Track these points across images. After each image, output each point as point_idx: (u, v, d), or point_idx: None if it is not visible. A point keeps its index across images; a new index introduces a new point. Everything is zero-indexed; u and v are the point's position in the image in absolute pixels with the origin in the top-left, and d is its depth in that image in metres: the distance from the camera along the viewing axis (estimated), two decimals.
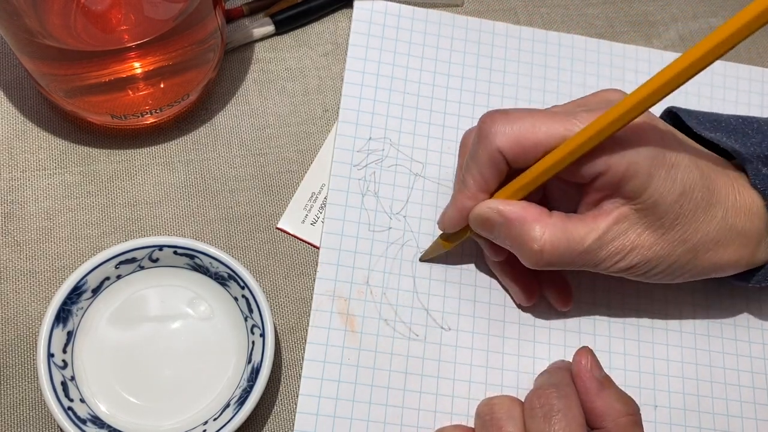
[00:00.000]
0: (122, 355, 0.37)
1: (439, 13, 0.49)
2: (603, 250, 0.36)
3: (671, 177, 0.35)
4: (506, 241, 0.37)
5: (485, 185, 0.37)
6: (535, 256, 0.36)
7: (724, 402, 0.42)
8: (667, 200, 0.35)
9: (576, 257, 0.36)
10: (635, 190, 0.35)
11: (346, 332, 0.40)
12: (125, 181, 0.42)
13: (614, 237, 0.36)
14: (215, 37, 0.41)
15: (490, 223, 0.37)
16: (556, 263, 0.36)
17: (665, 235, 0.36)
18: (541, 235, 0.35)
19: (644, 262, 0.36)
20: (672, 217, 0.35)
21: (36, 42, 0.37)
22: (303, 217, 0.43)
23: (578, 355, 0.36)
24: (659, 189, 0.35)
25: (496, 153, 0.35)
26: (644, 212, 0.35)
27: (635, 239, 0.36)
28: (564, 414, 0.34)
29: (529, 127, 0.35)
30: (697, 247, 0.37)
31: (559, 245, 0.35)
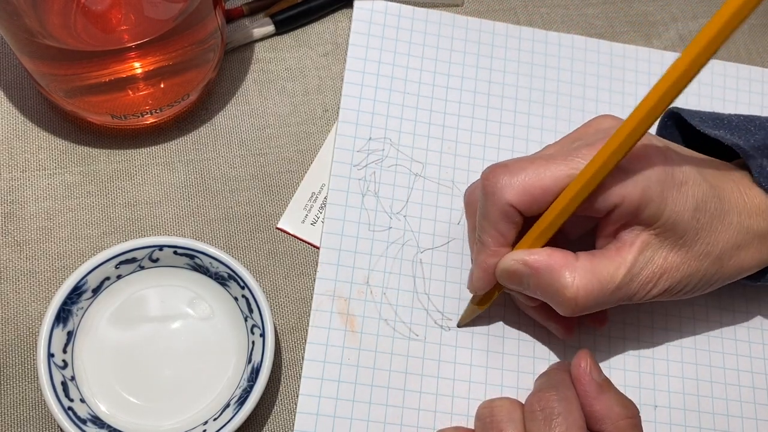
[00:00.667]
0: (122, 355, 0.37)
1: (439, 13, 0.49)
2: (634, 282, 0.36)
3: (683, 194, 0.35)
4: (537, 292, 0.37)
5: (504, 240, 0.37)
6: (570, 304, 0.35)
7: (724, 402, 0.42)
8: (684, 218, 0.35)
9: (610, 296, 0.36)
10: (652, 216, 0.34)
11: (346, 332, 0.40)
12: (125, 181, 0.42)
13: (642, 266, 0.36)
14: (215, 37, 0.41)
15: (518, 276, 0.36)
16: (591, 306, 0.36)
17: (689, 252, 0.36)
18: (572, 281, 0.35)
19: (675, 283, 0.36)
20: (692, 233, 0.35)
21: (36, 42, 0.37)
22: (303, 217, 0.43)
23: (577, 358, 0.36)
24: (675, 209, 0.35)
25: (507, 207, 0.35)
26: (665, 235, 0.35)
27: (662, 264, 0.36)
28: (565, 417, 0.34)
29: (534, 175, 0.35)
30: (721, 257, 0.37)
31: (592, 288, 0.35)
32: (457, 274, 0.42)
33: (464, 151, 0.45)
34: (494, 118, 0.46)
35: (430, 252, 0.42)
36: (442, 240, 0.43)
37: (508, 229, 0.36)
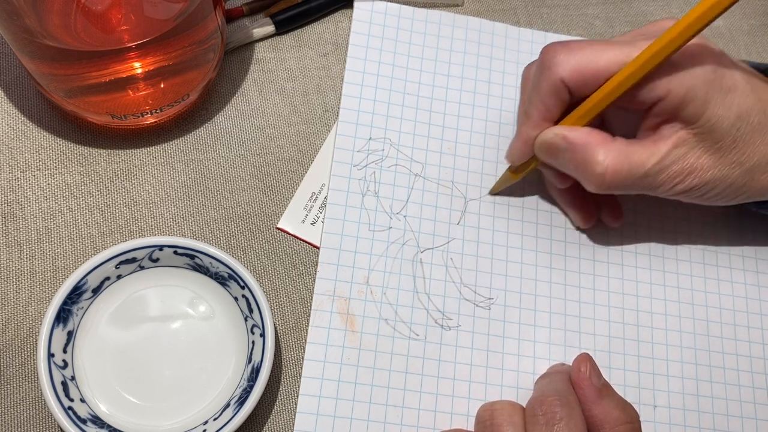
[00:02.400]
0: (122, 355, 0.37)
1: (439, 13, 0.49)
2: (663, 174, 0.37)
3: (728, 101, 0.36)
4: (570, 166, 0.38)
5: (548, 114, 0.38)
6: (598, 180, 0.37)
7: (723, 402, 0.42)
8: (724, 124, 0.36)
9: (637, 180, 0.37)
10: (693, 114, 0.36)
11: (347, 332, 0.40)
12: (125, 181, 0.42)
13: (674, 161, 0.37)
14: (215, 37, 0.41)
15: (555, 149, 0.38)
16: (617, 186, 0.37)
17: (723, 158, 0.37)
18: (604, 159, 0.37)
19: (702, 185, 0.38)
20: (729, 140, 0.36)
21: (36, 42, 0.37)
22: (303, 217, 0.43)
23: (577, 362, 0.36)
24: (716, 113, 0.36)
25: (558, 82, 0.37)
26: (702, 136, 0.36)
27: (694, 162, 0.37)
28: (566, 422, 0.34)
29: (591, 56, 0.36)
30: (753, 170, 0.38)
31: (621, 169, 0.37)
32: (458, 275, 0.42)
33: (464, 152, 0.45)
34: (494, 119, 0.46)
35: (430, 252, 0.42)
36: (442, 240, 0.43)
37: (554, 105, 0.38)
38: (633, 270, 0.44)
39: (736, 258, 0.45)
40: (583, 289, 0.43)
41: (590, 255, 0.44)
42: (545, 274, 0.43)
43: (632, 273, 0.44)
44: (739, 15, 0.53)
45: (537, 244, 0.44)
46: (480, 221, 0.44)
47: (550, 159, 0.39)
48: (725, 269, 0.45)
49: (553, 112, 0.38)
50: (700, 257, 0.45)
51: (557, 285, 0.43)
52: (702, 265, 0.45)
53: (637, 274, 0.44)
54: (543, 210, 0.45)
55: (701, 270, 0.45)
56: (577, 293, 0.43)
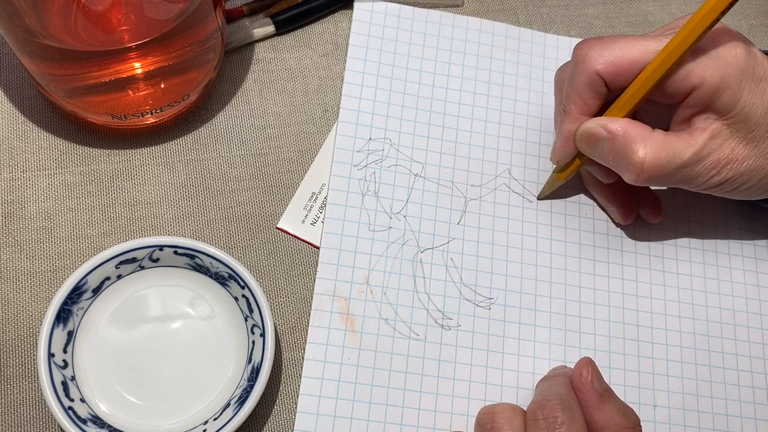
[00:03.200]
0: (122, 355, 0.37)
1: (439, 13, 0.49)
2: (699, 165, 0.37)
3: (760, 90, 0.36)
4: (609, 157, 0.38)
5: (587, 108, 0.39)
6: (637, 170, 0.37)
7: (723, 402, 0.42)
8: (758, 113, 0.36)
9: (674, 172, 0.37)
10: (727, 104, 0.36)
11: (347, 332, 0.40)
12: (126, 181, 0.42)
13: (710, 152, 0.37)
14: (215, 37, 0.42)
15: (595, 139, 0.38)
16: (655, 178, 0.38)
17: (757, 147, 0.37)
18: (644, 150, 0.37)
19: (738, 176, 0.38)
20: (763, 129, 0.37)
21: (36, 42, 0.37)
22: (303, 217, 0.43)
23: (579, 366, 0.36)
24: (749, 102, 0.36)
25: (594, 76, 0.37)
26: (736, 126, 0.37)
27: (729, 153, 0.37)
28: (568, 427, 0.34)
29: (624, 47, 0.37)
30: None
31: (660, 160, 0.37)
32: (458, 274, 0.42)
33: (464, 152, 0.45)
34: (493, 119, 0.46)
35: (430, 252, 0.42)
36: (442, 240, 0.43)
37: (591, 98, 0.38)
38: (633, 270, 0.44)
39: (736, 258, 0.45)
40: (583, 289, 0.43)
41: (590, 255, 0.44)
42: (545, 274, 0.43)
43: (632, 273, 0.44)
44: (739, 15, 0.53)
45: (537, 244, 0.44)
46: (480, 221, 0.44)
47: (590, 150, 0.39)
48: (725, 269, 0.45)
49: (591, 105, 0.39)
50: (700, 257, 0.45)
51: (557, 285, 0.43)
52: (702, 265, 0.45)
53: (637, 274, 0.44)
54: (543, 210, 0.45)
55: (701, 270, 0.45)
56: (577, 293, 0.43)
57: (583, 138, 0.39)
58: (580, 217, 0.45)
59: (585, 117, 0.39)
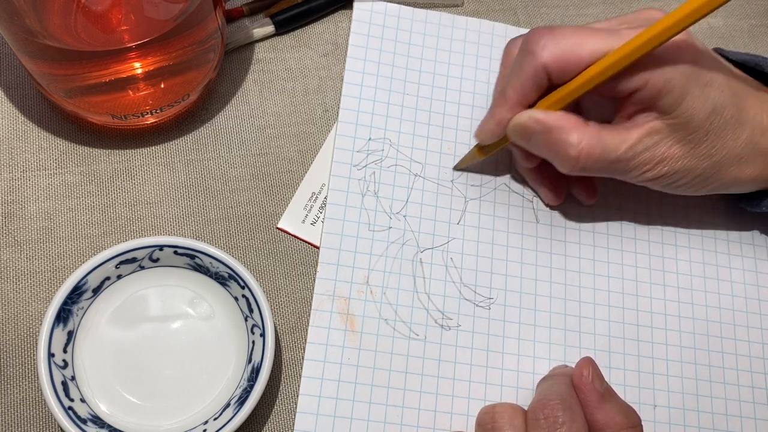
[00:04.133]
0: (122, 355, 0.37)
1: (439, 13, 0.49)
2: (634, 160, 0.38)
3: (704, 95, 0.36)
4: (543, 149, 0.39)
5: (524, 98, 0.39)
6: (572, 162, 0.38)
7: (723, 401, 0.42)
8: (699, 117, 0.37)
9: (608, 164, 0.38)
10: (669, 106, 0.36)
11: (346, 332, 0.40)
12: (126, 181, 0.42)
13: (645, 148, 0.38)
14: (215, 37, 0.42)
15: (529, 132, 0.38)
16: (589, 169, 0.38)
17: (693, 149, 0.38)
18: (578, 142, 0.37)
19: (671, 173, 0.38)
20: (702, 133, 0.37)
21: (36, 42, 0.37)
22: (303, 217, 0.43)
23: (580, 366, 0.36)
24: (692, 106, 0.36)
25: (540, 69, 0.37)
26: (676, 127, 0.37)
27: (665, 151, 0.38)
28: (569, 427, 0.34)
29: (575, 44, 0.37)
30: (721, 162, 0.38)
31: (594, 152, 0.37)
32: (457, 274, 0.42)
33: (464, 152, 0.45)
34: None
35: (429, 251, 0.42)
36: (442, 240, 0.43)
37: (532, 89, 0.38)
38: (633, 270, 0.44)
39: (735, 258, 0.45)
40: (583, 289, 0.43)
41: (590, 255, 0.44)
42: (545, 273, 0.43)
43: (632, 273, 0.44)
44: (739, 15, 0.53)
45: (537, 243, 0.44)
46: (480, 221, 0.44)
47: (522, 142, 0.40)
48: (725, 269, 0.45)
49: (530, 96, 0.39)
50: (700, 257, 0.45)
51: (557, 285, 0.43)
52: (702, 264, 0.45)
53: (637, 274, 0.44)
54: (543, 210, 0.45)
55: (701, 270, 0.45)
56: (577, 293, 0.43)
57: (516, 130, 0.39)
58: (580, 217, 0.45)
59: (521, 107, 0.39)
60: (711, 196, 0.46)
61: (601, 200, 0.45)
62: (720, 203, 0.47)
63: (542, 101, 0.39)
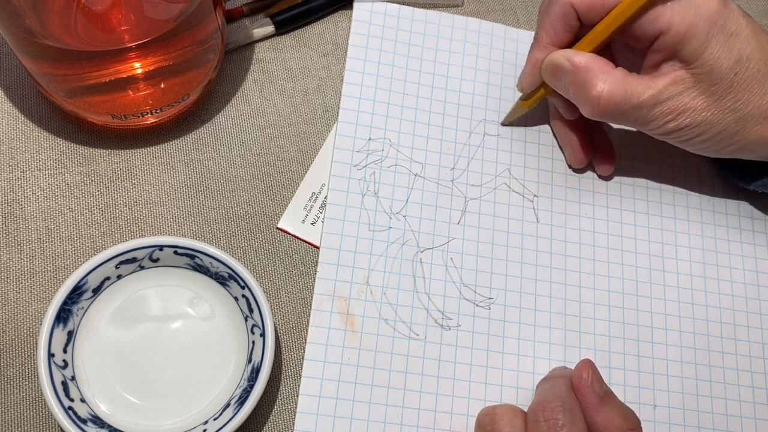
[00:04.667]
0: (123, 355, 0.37)
1: (439, 14, 0.49)
2: (656, 108, 0.38)
3: (729, 44, 0.36)
4: (570, 89, 0.39)
5: (557, 39, 0.40)
6: (593, 102, 0.38)
7: (723, 401, 0.42)
8: (723, 66, 0.37)
9: (630, 110, 0.38)
10: (693, 53, 0.36)
11: (346, 332, 0.40)
12: (126, 181, 0.42)
13: (669, 97, 0.38)
14: (215, 37, 0.42)
15: (559, 70, 0.39)
16: (611, 113, 0.39)
17: (717, 101, 0.37)
18: (603, 83, 0.38)
19: (693, 126, 0.38)
20: (726, 84, 0.37)
21: (36, 42, 0.37)
22: (303, 217, 0.43)
23: (579, 368, 0.36)
24: (715, 54, 0.36)
25: (568, 7, 0.38)
26: (700, 77, 0.37)
27: (688, 102, 0.38)
28: (569, 429, 0.34)
29: None
30: (746, 119, 0.38)
31: (617, 95, 0.38)
32: (457, 274, 0.42)
33: (463, 152, 0.45)
34: (492, 119, 0.46)
35: (430, 251, 0.42)
36: (442, 240, 0.43)
37: (563, 29, 0.39)
38: (633, 270, 0.44)
39: (735, 258, 0.45)
40: (583, 289, 0.43)
41: (590, 255, 0.44)
42: (545, 273, 0.43)
43: (632, 273, 0.44)
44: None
45: (537, 243, 0.44)
46: (480, 221, 0.44)
47: (554, 81, 0.40)
48: (725, 269, 0.45)
49: (562, 36, 0.39)
50: (699, 257, 0.45)
51: (557, 285, 0.43)
52: (702, 264, 0.45)
53: (637, 274, 0.44)
54: (543, 210, 0.45)
55: (701, 270, 0.45)
56: (577, 293, 0.43)
57: (548, 68, 0.40)
58: (580, 217, 0.45)
59: (554, 47, 0.40)
60: (710, 194, 0.46)
61: (601, 200, 0.45)
62: (720, 203, 0.47)
63: (576, 45, 0.40)
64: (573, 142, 0.45)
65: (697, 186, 0.47)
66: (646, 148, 0.47)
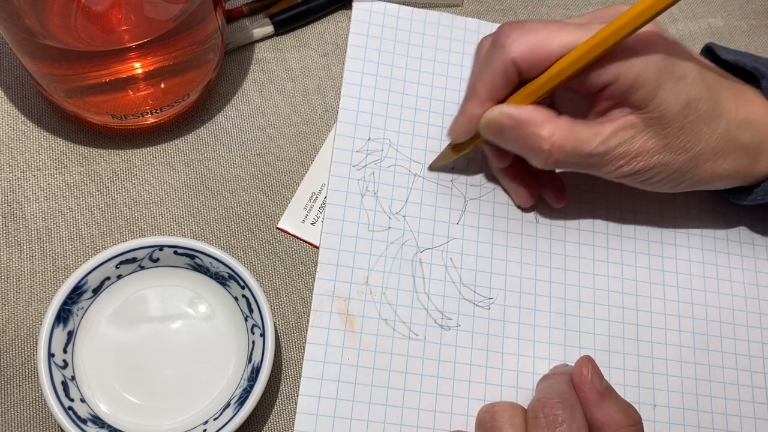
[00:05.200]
0: (122, 355, 0.37)
1: (438, 14, 0.49)
2: (608, 154, 0.38)
3: (678, 88, 0.36)
4: (516, 144, 0.38)
5: (495, 93, 0.38)
6: (544, 155, 0.37)
7: (722, 401, 0.42)
8: (673, 111, 0.36)
9: (582, 158, 0.38)
10: (642, 100, 0.36)
11: (346, 332, 0.40)
12: (126, 181, 0.42)
13: (620, 143, 0.37)
14: (215, 37, 0.42)
15: (500, 127, 0.38)
16: (563, 162, 0.38)
17: (669, 143, 0.37)
18: (550, 135, 0.37)
19: (647, 169, 0.38)
20: (677, 127, 0.37)
21: (36, 42, 0.37)
22: (303, 217, 0.43)
23: (579, 365, 0.36)
24: (666, 100, 0.36)
25: (509, 62, 0.37)
26: (650, 122, 0.37)
27: (640, 146, 0.37)
28: (568, 425, 0.34)
29: (544, 38, 0.36)
30: (698, 157, 0.38)
31: (567, 145, 0.37)
32: (457, 274, 0.42)
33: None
34: None
35: (429, 251, 0.42)
36: (442, 240, 0.43)
37: (502, 84, 0.38)
38: (633, 270, 0.44)
39: (735, 258, 0.45)
40: (583, 289, 0.43)
41: (590, 255, 0.44)
42: (545, 273, 0.43)
43: (632, 273, 0.44)
44: (739, 15, 0.53)
45: (537, 243, 0.44)
46: (480, 221, 0.44)
47: (494, 138, 0.39)
48: (725, 269, 0.45)
49: (500, 91, 0.38)
50: (699, 257, 0.45)
51: (557, 284, 0.43)
52: (702, 264, 0.45)
53: (637, 273, 0.44)
54: (543, 209, 0.45)
55: (701, 269, 0.45)
56: (576, 293, 0.43)
57: (488, 126, 0.39)
58: (580, 217, 0.45)
59: (491, 102, 0.39)
60: (710, 194, 0.47)
61: (600, 199, 0.45)
62: (720, 204, 0.47)
63: (513, 96, 0.38)
64: (514, 187, 0.44)
65: None
66: None
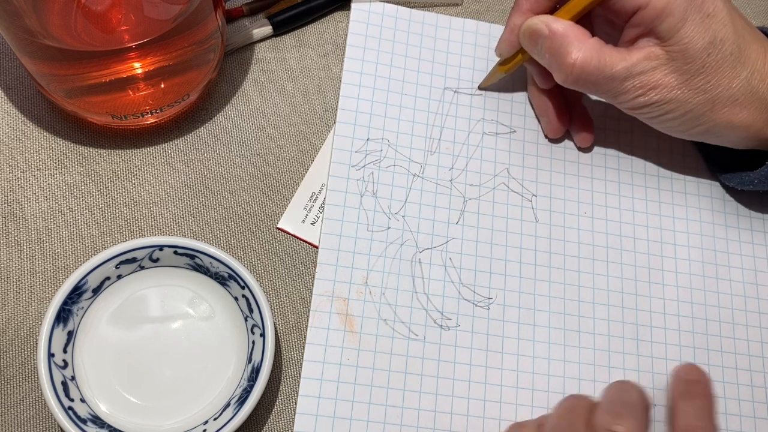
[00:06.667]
0: (122, 355, 0.37)
1: (436, 15, 0.49)
2: (628, 81, 0.39)
3: (704, 24, 0.37)
4: (545, 55, 0.40)
5: (537, 5, 0.41)
6: (567, 70, 0.39)
7: (722, 400, 0.42)
8: (697, 46, 0.37)
9: (602, 80, 0.39)
10: (669, 30, 0.37)
11: (346, 333, 0.40)
12: (126, 181, 0.42)
13: (641, 71, 0.38)
14: (215, 37, 0.42)
15: (536, 36, 0.40)
16: (583, 81, 0.39)
17: (688, 81, 0.38)
18: (578, 51, 0.39)
19: (663, 103, 0.39)
20: (698, 64, 0.38)
21: (36, 42, 0.37)
22: (303, 217, 0.43)
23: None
24: (690, 33, 0.37)
25: None
26: (674, 55, 0.38)
27: (660, 78, 0.38)
28: None
29: None
30: (715, 100, 0.39)
31: (591, 64, 0.38)
32: (456, 274, 0.42)
33: (462, 152, 0.45)
34: (491, 118, 0.46)
35: (428, 252, 0.42)
36: (441, 240, 0.43)
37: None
38: (632, 269, 0.44)
39: (735, 258, 0.45)
40: (582, 289, 0.43)
41: (589, 254, 0.44)
42: (544, 273, 0.43)
43: (631, 272, 0.44)
44: None
45: (536, 243, 0.44)
46: (479, 221, 0.44)
47: (531, 46, 0.41)
48: (724, 268, 0.45)
49: (542, 3, 0.40)
50: (698, 256, 0.45)
51: (556, 284, 0.43)
52: (701, 263, 0.45)
53: (637, 274, 0.44)
54: (542, 209, 0.45)
55: (700, 269, 0.45)
56: (576, 293, 0.43)
57: (526, 33, 0.41)
58: (580, 217, 0.45)
59: (533, 14, 0.41)
60: (710, 193, 0.47)
61: (600, 199, 0.45)
62: (719, 203, 0.47)
63: (555, 12, 0.40)
64: (549, 111, 0.45)
65: (695, 186, 0.47)
66: (646, 149, 0.47)
